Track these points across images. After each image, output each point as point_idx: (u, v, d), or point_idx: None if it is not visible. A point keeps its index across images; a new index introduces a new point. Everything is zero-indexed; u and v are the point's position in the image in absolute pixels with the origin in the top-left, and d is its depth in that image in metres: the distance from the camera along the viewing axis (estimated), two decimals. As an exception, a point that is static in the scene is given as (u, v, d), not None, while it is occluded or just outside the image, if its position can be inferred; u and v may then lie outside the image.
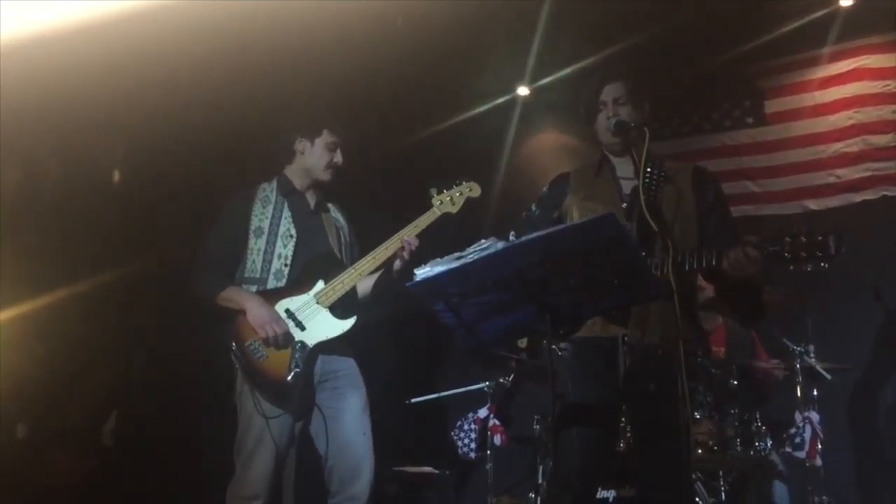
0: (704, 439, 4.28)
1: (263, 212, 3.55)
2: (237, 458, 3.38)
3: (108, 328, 5.11)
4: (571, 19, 5.11)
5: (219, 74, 4.57)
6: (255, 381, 3.34)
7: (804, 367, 4.53)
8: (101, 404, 5.14)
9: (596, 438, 2.92)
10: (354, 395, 3.48)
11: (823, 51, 5.50)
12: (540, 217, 3.19)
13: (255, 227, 3.52)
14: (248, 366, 3.34)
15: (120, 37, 3.90)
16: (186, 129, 4.76)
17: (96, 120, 4.73)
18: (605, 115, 3.05)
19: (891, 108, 5.36)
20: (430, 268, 2.42)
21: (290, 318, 3.40)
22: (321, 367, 3.47)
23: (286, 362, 3.34)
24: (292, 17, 4.34)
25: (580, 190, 3.11)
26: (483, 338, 2.63)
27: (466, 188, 3.58)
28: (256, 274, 3.48)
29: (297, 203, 3.62)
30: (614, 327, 2.90)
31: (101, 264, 4.80)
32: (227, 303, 3.42)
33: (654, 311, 2.88)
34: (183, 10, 3.91)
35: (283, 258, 3.49)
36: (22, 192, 4.70)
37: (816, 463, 4.41)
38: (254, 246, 3.51)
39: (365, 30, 4.67)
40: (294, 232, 3.53)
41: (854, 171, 5.40)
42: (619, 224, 2.43)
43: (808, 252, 2.63)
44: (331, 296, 3.44)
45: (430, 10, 4.64)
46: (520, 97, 6.24)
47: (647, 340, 2.89)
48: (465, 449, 5.10)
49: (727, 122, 5.86)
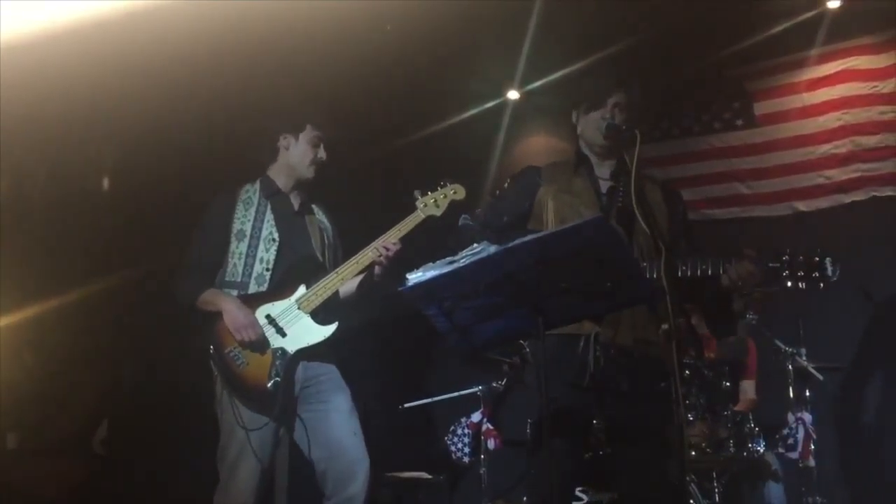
0: (698, 441, 4.29)
1: (246, 214, 3.49)
2: (220, 465, 3.34)
3: (99, 337, 5.08)
4: (561, 23, 5.11)
5: (208, 80, 4.57)
6: (235, 389, 3.28)
7: (796, 368, 4.55)
8: (92, 413, 5.11)
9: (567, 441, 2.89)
10: (340, 397, 3.42)
11: (811, 52, 5.51)
12: (502, 202, 3.18)
13: (237, 230, 3.47)
14: (227, 372, 3.29)
15: (107, 43, 3.88)
16: (176, 137, 4.75)
17: (85, 128, 4.71)
18: (601, 114, 3.06)
19: (879, 110, 5.38)
20: (422, 272, 2.41)
21: (270, 324, 3.34)
22: (303, 374, 3.41)
23: (266, 370, 3.28)
24: (280, 21, 4.33)
25: (555, 183, 3.11)
26: (476, 341, 2.63)
27: (451, 190, 3.47)
28: (237, 278, 3.42)
29: (281, 205, 3.56)
30: (588, 325, 2.90)
31: (90, 273, 4.78)
32: (207, 306, 3.37)
33: (626, 311, 2.89)
34: (172, 16, 3.90)
35: (265, 262, 3.43)
36: (10, 200, 4.68)
37: (810, 463, 4.42)
38: (235, 249, 3.45)
39: (354, 33, 4.66)
40: (277, 235, 3.47)
41: (843, 172, 5.42)
42: (611, 227, 2.44)
43: (806, 273, 2.70)
44: (313, 301, 3.37)
45: (420, 13, 4.63)
46: (510, 101, 6.24)
47: (619, 341, 2.90)
48: (458, 453, 5.09)
49: (716, 124, 5.88)
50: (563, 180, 3.11)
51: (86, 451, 5.06)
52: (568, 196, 3.05)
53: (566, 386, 2.88)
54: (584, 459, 3.21)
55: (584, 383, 2.87)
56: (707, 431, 4.29)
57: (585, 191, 3.07)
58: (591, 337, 2.89)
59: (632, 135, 2.92)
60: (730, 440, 4.32)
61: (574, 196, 3.05)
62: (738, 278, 2.79)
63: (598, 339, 2.90)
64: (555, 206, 3.04)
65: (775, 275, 2.76)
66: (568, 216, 2.98)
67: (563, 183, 3.10)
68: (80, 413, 4.93)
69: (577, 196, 3.05)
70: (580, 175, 3.12)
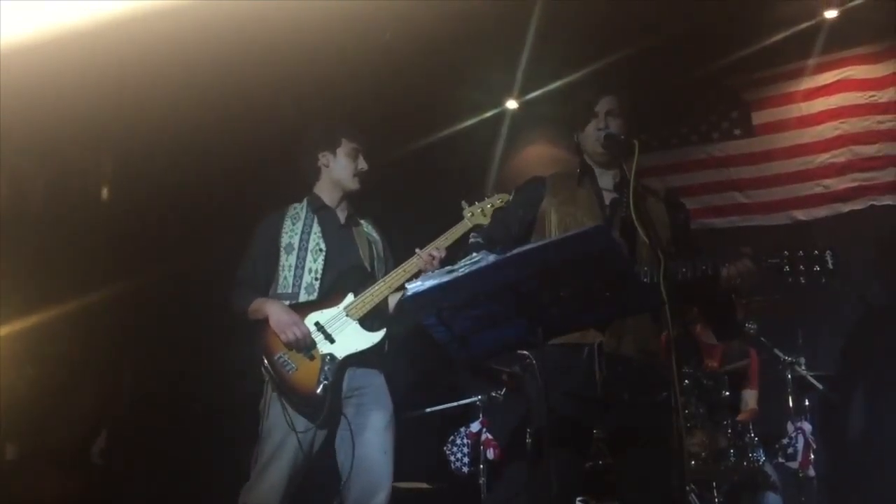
0: (697, 451, 4.28)
1: (293, 228, 3.60)
2: (253, 465, 3.40)
3: (98, 348, 5.07)
4: (560, 33, 5.12)
5: (206, 91, 4.56)
6: (285, 393, 3.35)
7: (795, 377, 4.55)
8: (91, 424, 5.10)
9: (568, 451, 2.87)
10: (378, 413, 3.49)
11: (809, 62, 5.53)
12: (509, 215, 3.19)
13: (286, 243, 3.58)
14: (278, 378, 3.36)
15: (107, 51, 3.89)
16: (176, 145, 4.75)
17: (84, 136, 4.71)
18: (596, 125, 3.06)
19: (876, 119, 5.39)
20: (421, 282, 2.41)
21: (319, 331, 3.42)
22: (348, 382, 3.48)
23: (315, 374, 3.35)
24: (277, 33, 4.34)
25: (559, 194, 3.11)
26: (475, 351, 2.62)
27: (497, 199, 3.58)
28: (288, 289, 3.52)
29: (327, 218, 3.67)
30: (592, 333, 2.89)
31: (90, 283, 4.77)
32: (255, 314, 3.47)
33: (629, 321, 2.88)
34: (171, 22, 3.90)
35: (314, 272, 3.52)
36: (10, 209, 4.68)
37: (809, 473, 4.42)
38: (285, 262, 3.55)
39: (353, 44, 4.68)
40: (324, 246, 3.56)
41: (841, 181, 5.43)
42: (611, 236, 2.43)
43: (807, 266, 2.68)
44: (360, 308, 3.46)
45: (419, 23, 4.65)
46: (509, 110, 6.25)
47: (622, 351, 2.89)
48: (457, 464, 5.08)
49: (715, 133, 5.89)
50: (566, 191, 3.11)
51: (85, 462, 5.05)
52: (571, 207, 3.04)
53: (569, 396, 2.87)
54: (584, 469, 3.20)
55: (592, 393, 2.85)
56: (707, 441, 4.29)
57: (588, 201, 3.06)
58: (595, 346, 2.88)
59: (630, 144, 2.93)
60: (730, 450, 4.32)
61: (577, 207, 3.04)
62: (736, 275, 2.76)
63: (601, 348, 2.88)
64: (557, 218, 3.03)
65: (776, 269, 2.74)
66: (571, 227, 2.97)
67: (566, 194, 3.09)
68: (79, 424, 4.92)
69: (580, 207, 3.04)
70: (583, 186, 3.11)
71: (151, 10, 3.75)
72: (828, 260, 2.71)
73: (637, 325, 2.88)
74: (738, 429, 4.38)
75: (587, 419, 2.96)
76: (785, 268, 2.71)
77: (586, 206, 3.05)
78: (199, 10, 3.89)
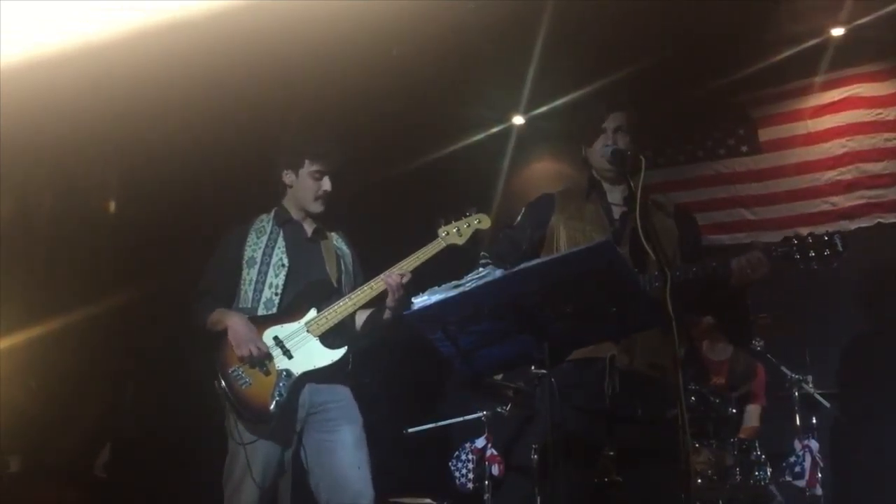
0: (703, 468, 4.25)
1: (257, 242, 3.50)
2: (225, 485, 3.31)
3: (101, 361, 5.07)
4: (566, 50, 5.14)
5: (212, 106, 4.58)
6: (237, 409, 3.25)
7: (803, 395, 4.52)
8: (95, 437, 5.10)
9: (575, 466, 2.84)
10: (347, 428, 3.37)
11: (816, 80, 5.55)
12: (519, 232, 3.16)
13: (248, 257, 3.48)
14: (231, 393, 3.26)
15: (112, 68, 3.91)
16: (179, 161, 4.76)
17: (89, 152, 4.73)
18: (603, 141, 3.06)
19: (884, 137, 5.39)
20: (427, 296, 2.40)
21: (277, 346, 3.32)
22: (310, 398, 3.37)
23: (269, 390, 3.25)
24: (286, 47, 4.36)
25: (567, 209, 3.09)
26: (481, 366, 2.61)
27: (475, 220, 3.43)
28: (248, 304, 3.42)
29: (293, 232, 3.56)
30: (605, 347, 2.85)
31: (93, 296, 4.77)
32: (215, 325, 3.37)
33: (640, 336, 2.86)
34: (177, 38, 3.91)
35: (274, 287, 3.42)
36: (15, 223, 4.69)
37: (816, 492, 4.38)
38: (246, 276, 3.46)
39: (360, 59, 4.69)
40: (286, 261, 3.46)
41: (848, 198, 5.43)
42: (617, 251, 2.42)
43: (817, 250, 2.67)
44: (322, 324, 3.35)
45: (426, 39, 4.66)
46: (515, 126, 6.27)
47: (636, 366, 2.87)
48: (462, 479, 5.06)
49: (721, 150, 5.90)
50: (575, 207, 3.09)
51: (88, 475, 5.04)
52: (579, 222, 3.03)
53: (579, 410, 2.85)
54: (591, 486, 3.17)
55: (603, 407, 2.83)
56: (713, 459, 4.26)
57: (597, 217, 3.05)
58: (607, 361, 2.86)
59: (636, 160, 2.93)
60: (736, 468, 4.28)
61: (585, 221, 3.03)
62: (747, 265, 2.75)
63: (614, 363, 2.87)
64: (566, 234, 3.02)
65: (786, 257, 2.73)
66: (580, 242, 2.95)
67: (575, 209, 3.08)
68: (82, 436, 4.92)
69: (588, 221, 3.03)
70: (592, 201, 3.10)
71: (159, 26, 3.77)
72: (836, 242, 2.69)
73: (647, 340, 2.86)
74: (744, 446, 4.35)
75: (596, 434, 2.94)
76: (795, 255, 2.70)
77: (595, 221, 3.04)
78: (206, 26, 3.90)
